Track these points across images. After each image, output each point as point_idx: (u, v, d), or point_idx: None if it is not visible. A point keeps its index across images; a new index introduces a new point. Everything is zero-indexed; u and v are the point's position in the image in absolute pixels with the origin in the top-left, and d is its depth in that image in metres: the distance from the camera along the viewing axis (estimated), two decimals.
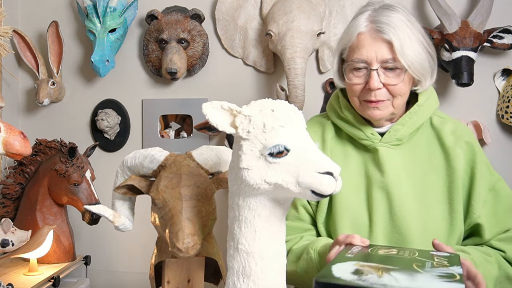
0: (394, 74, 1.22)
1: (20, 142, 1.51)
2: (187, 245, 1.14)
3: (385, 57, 1.20)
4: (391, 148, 1.28)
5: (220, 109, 0.96)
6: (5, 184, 2.08)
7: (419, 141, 1.31)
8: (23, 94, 2.46)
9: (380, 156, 1.27)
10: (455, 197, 1.25)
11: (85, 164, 2.01)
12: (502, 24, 2.02)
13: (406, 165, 1.28)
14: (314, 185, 0.88)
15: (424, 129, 1.32)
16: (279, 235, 1.00)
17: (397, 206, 1.24)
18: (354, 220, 1.26)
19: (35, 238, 1.81)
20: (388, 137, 1.28)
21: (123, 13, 2.23)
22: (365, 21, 1.23)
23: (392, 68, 1.21)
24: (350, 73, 1.25)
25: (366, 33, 1.22)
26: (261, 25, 2.23)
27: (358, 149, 1.32)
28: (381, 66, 1.21)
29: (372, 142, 1.29)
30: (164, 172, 1.25)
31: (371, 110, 1.25)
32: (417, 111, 1.28)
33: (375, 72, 1.21)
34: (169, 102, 2.35)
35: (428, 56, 1.24)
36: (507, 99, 2.07)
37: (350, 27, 1.27)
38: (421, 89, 1.29)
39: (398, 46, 1.19)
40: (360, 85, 1.24)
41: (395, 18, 1.21)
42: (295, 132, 0.93)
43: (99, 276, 2.35)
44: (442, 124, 1.32)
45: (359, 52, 1.22)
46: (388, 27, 1.20)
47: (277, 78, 2.26)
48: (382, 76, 1.21)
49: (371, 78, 1.21)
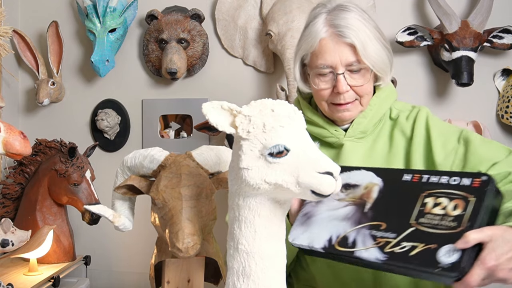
0: (359, 75, 1.24)
1: (20, 142, 1.51)
2: (187, 245, 1.14)
3: (349, 60, 1.22)
4: (356, 142, 1.31)
5: (220, 109, 0.96)
6: (5, 184, 2.08)
7: (382, 132, 1.34)
8: (23, 94, 2.46)
9: (344, 150, 1.30)
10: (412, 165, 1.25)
11: (85, 164, 2.01)
12: (502, 24, 2.02)
13: (369, 156, 1.30)
14: (314, 185, 0.88)
15: (385, 120, 1.35)
16: (279, 235, 1.00)
17: None
18: None
19: (35, 238, 1.81)
20: (351, 131, 1.31)
21: (123, 13, 2.23)
22: (324, 25, 1.24)
23: (356, 70, 1.23)
24: (316, 78, 1.27)
25: (327, 38, 1.23)
26: (261, 25, 2.23)
27: (325, 148, 1.34)
28: (346, 69, 1.23)
29: (337, 138, 1.31)
30: (164, 172, 1.25)
31: (341, 112, 1.27)
32: (377, 102, 1.31)
33: (342, 76, 1.23)
34: (169, 102, 2.35)
35: (387, 51, 1.27)
36: (507, 99, 2.07)
37: (309, 32, 1.27)
38: (383, 84, 1.31)
39: (360, 48, 1.21)
40: (328, 90, 1.26)
41: (352, 19, 1.23)
42: (295, 132, 0.92)
43: (99, 276, 2.35)
44: (399, 114, 1.34)
45: (322, 57, 1.24)
46: (348, 30, 1.21)
47: (277, 78, 2.26)
48: (348, 79, 1.23)
49: (338, 82, 1.23)
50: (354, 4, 1.27)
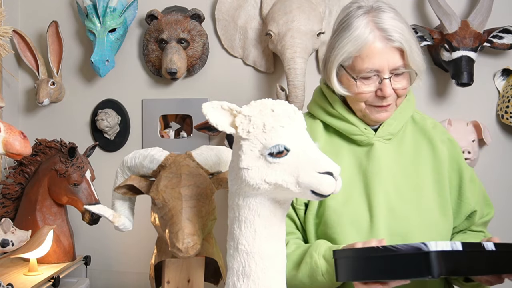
0: (402, 77, 1.24)
1: (20, 142, 1.51)
2: (187, 245, 1.14)
3: (396, 64, 1.21)
4: (384, 143, 1.31)
5: (220, 109, 0.96)
6: (5, 184, 2.08)
7: (405, 136, 1.34)
8: (23, 94, 2.45)
9: (376, 150, 1.29)
10: (444, 186, 1.29)
11: (85, 164, 2.01)
12: (502, 24, 2.02)
13: (398, 159, 1.31)
14: (314, 185, 0.88)
15: (407, 124, 1.36)
16: (279, 235, 1.00)
17: (396, 199, 1.26)
18: (354, 216, 1.26)
19: (35, 238, 1.81)
20: (381, 131, 1.30)
21: (123, 13, 2.22)
22: (369, 28, 1.20)
23: (400, 73, 1.23)
24: (358, 81, 1.24)
25: (376, 42, 1.20)
26: (261, 25, 2.23)
27: (350, 144, 1.33)
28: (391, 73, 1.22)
29: (367, 137, 1.30)
30: (164, 172, 1.25)
31: (380, 113, 1.26)
32: (406, 105, 1.32)
33: (388, 80, 1.21)
34: (169, 102, 2.35)
35: (422, 54, 1.27)
36: (507, 99, 2.07)
37: (351, 35, 1.22)
38: (417, 86, 1.31)
39: (408, 51, 1.20)
40: (371, 93, 1.24)
41: (395, 20, 1.22)
42: (295, 132, 0.93)
43: (99, 276, 2.35)
44: (422, 119, 1.38)
45: (370, 62, 1.21)
46: (396, 34, 1.19)
47: (277, 78, 2.26)
48: (392, 82, 1.22)
49: (384, 86, 1.21)
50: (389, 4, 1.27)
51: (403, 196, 1.27)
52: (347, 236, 1.23)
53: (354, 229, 1.24)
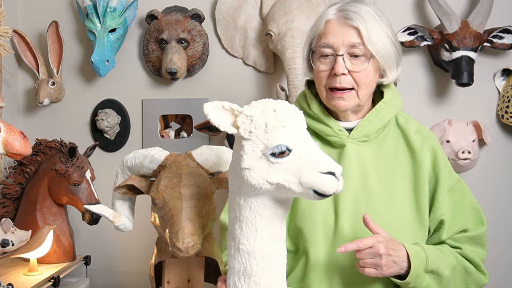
0: (359, 61, 1.25)
1: (20, 142, 1.51)
2: (187, 245, 1.13)
3: (351, 41, 1.24)
4: (358, 145, 1.31)
5: (222, 109, 0.96)
6: (5, 184, 2.08)
7: (386, 139, 1.34)
8: (23, 94, 2.45)
9: (347, 152, 1.30)
10: (422, 192, 1.28)
11: (85, 164, 2.01)
12: (502, 24, 2.02)
13: (373, 162, 1.30)
14: (316, 185, 0.88)
15: (390, 127, 1.35)
16: (280, 235, 1.00)
17: (364, 201, 1.26)
18: (322, 215, 1.28)
19: (35, 238, 1.81)
20: (355, 133, 1.31)
21: (123, 13, 2.22)
22: (334, 10, 1.28)
23: (357, 56, 1.25)
24: (317, 60, 1.29)
25: (334, 20, 1.27)
26: (261, 25, 2.23)
27: (324, 145, 1.34)
28: (347, 52, 1.24)
29: (340, 138, 1.31)
30: (164, 172, 1.25)
31: (336, 100, 1.27)
32: (383, 107, 1.32)
33: (341, 57, 1.24)
34: (169, 102, 2.35)
35: (394, 48, 1.29)
36: (507, 99, 2.07)
37: (319, 17, 1.32)
38: (387, 81, 1.32)
39: (365, 32, 1.23)
40: (326, 72, 1.27)
41: (364, 10, 1.26)
42: (296, 132, 0.93)
43: (99, 276, 2.35)
44: (407, 124, 1.36)
45: (326, 38, 1.27)
46: (355, 15, 1.24)
47: (277, 78, 2.26)
48: (347, 63, 1.24)
49: (336, 63, 1.24)
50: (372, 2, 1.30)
51: (373, 200, 1.26)
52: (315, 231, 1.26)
53: (322, 227, 1.26)
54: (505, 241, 2.13)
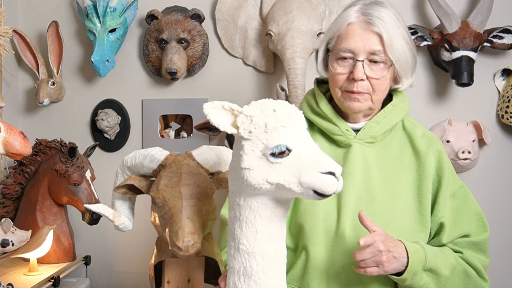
0: (378, 67, 1.24)
1: (20, 142, 1.51)
2: (187, 244, 1.13)
3: (373, 48, 1.23)
4: (364, 146, 1.31)
5: (221, 109, 0.96)
6: (5, 184, 2.08)
7: (391, 141, 1.34)
8: (23, 94, 2.45)
9: (353, 152, 1.29)
10: (425, 194, 1.28)
11: (85, 164, 2.01)
12: (502, 24, 2.02)
13: (378, 163, 1.30)
14: (316, 185, 0.88)
15: (396, 130, 1.35)
16: (280, 235, 0.99)
17: (366, 201, 1.26)
18: (324, 214, 1.28)
19: (35, 238, 1.81)
20: (362, 134, 1.30)
21: (123, 13, 2.23)
22: (356, 12, 1.26)
23: (376, 62, 1.24)
24: (335, 62, 1.28)
25: (356, 24, 1.25)
26: (261, 25, 2.23)
27: (330, 144, 1.34)
28: (367, 58, 1.23)
29: (346, 138, 1.31)
30: (164, 172, 1.25)
31: (351, 101, 1.27)
32: (392, 110, 1.32)
33: (361, 63, 1.23)
34: (169, 102, 2.35)
35: (411, 54, 1.28)
36: (507, 99, 2.07)
37: (339, 17, 1.29)
38: (402, 87, 1.32)
39: (387, 39, 1.22)
40: (344, 75, 1.26)
41: (385, 13, 1.25)
42: (296, 132, 0.92)
43: (99, 276, 2.35)
44: (413, 128, 1.36)
45: (347, 41, 1.25)
46: (379, 21, 1.23)
47: (277, 78, 2.26)
48: (366, 68, 1.24)
49: (356, 68, 1.23)
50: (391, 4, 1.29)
51: (375, 201, 1.26)
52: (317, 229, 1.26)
53: (323, 225, 1.26)
54: (505, 241, 2.13)
